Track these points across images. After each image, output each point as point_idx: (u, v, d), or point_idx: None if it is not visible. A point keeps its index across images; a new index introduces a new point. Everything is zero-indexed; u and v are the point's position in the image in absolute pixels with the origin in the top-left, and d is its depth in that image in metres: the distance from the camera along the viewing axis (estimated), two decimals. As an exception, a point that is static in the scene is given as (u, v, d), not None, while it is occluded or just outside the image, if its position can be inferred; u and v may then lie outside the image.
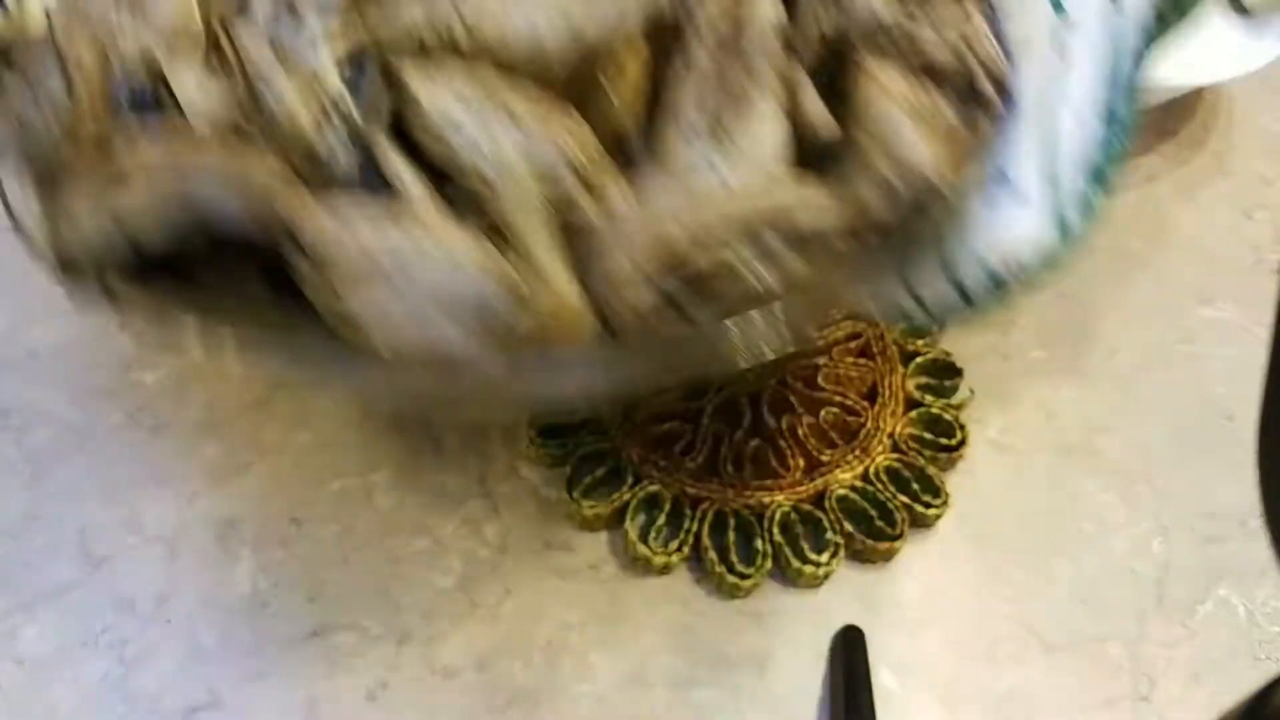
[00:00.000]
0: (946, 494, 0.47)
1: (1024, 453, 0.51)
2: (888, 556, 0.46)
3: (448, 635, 0.44)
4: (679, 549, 0.46)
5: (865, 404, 0.50)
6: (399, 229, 0.34)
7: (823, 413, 0.49)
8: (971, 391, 0.51)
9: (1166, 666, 0.45)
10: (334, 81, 0.35)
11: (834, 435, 0.49)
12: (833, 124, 0.37)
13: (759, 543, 0.46)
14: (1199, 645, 0.45)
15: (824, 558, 0.45)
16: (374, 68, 0.35)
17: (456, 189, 0.35)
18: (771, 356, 0.37)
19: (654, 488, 0.47)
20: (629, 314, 0.34)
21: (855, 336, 0.52)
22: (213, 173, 0.34)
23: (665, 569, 0.46)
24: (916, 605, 0.46)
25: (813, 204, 0.35)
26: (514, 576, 0.46)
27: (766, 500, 0.47)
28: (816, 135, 0.37)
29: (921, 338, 0.53)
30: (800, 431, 0.49)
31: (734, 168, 0.36)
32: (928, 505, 0.47)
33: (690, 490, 0.47)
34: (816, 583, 0.46)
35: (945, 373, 0.52)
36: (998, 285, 0.38)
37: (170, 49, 0.37)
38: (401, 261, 0.33)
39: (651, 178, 0.36)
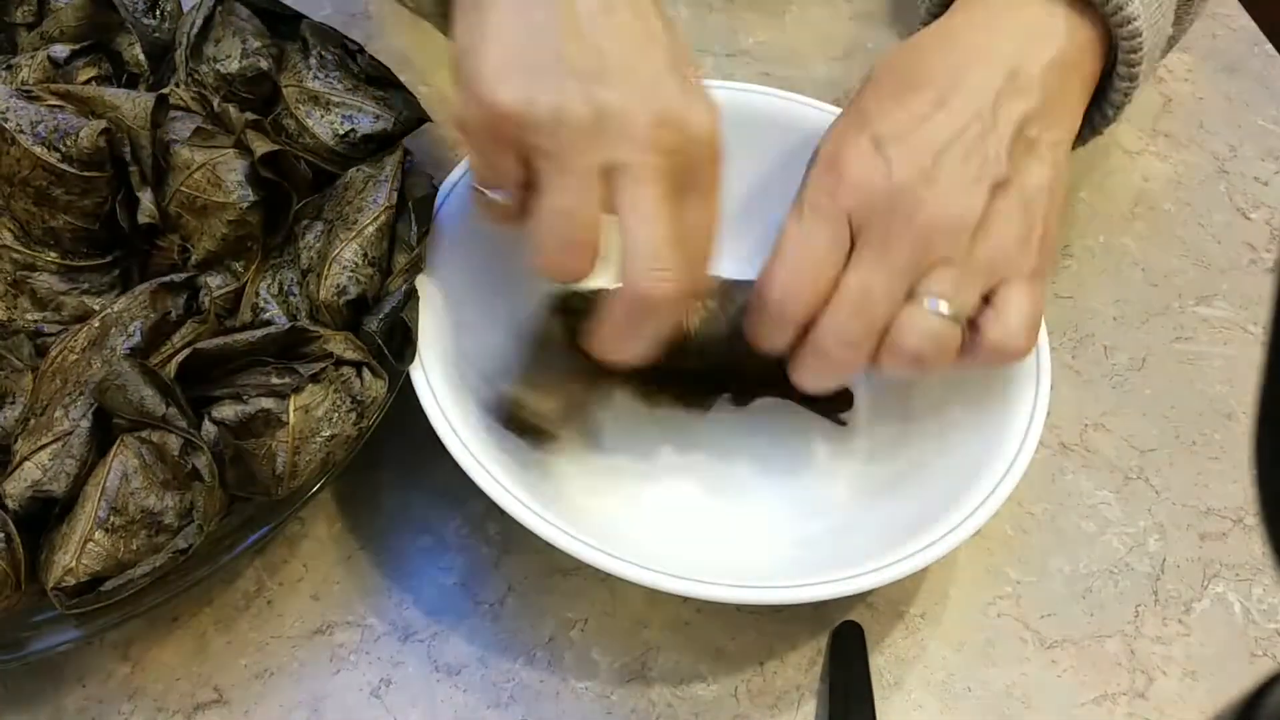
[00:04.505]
0: None
1: (1022, 451, 0.51)
2: None
3: (450, 632, 0.45)
4: None
5: None
6: None
7: None
8: None
9: (1163, 663, 0.45)
10: None
11: None
12: None
13: None
14: (1195, 642, 0.46)
15: None
16: None
17: None
18: None
19: None
20: None
21: None
22: None
23: None
24: (915, 602, 0.46)
25: None
26: (516, 574, 0.46)
27: None
28: None
29: None
30: None
31: None
32: None
33: None
34: None
35: None
36: None
37: None
38: None
39: None
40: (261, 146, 0.45)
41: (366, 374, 0.43)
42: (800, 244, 0.42)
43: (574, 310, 0.45)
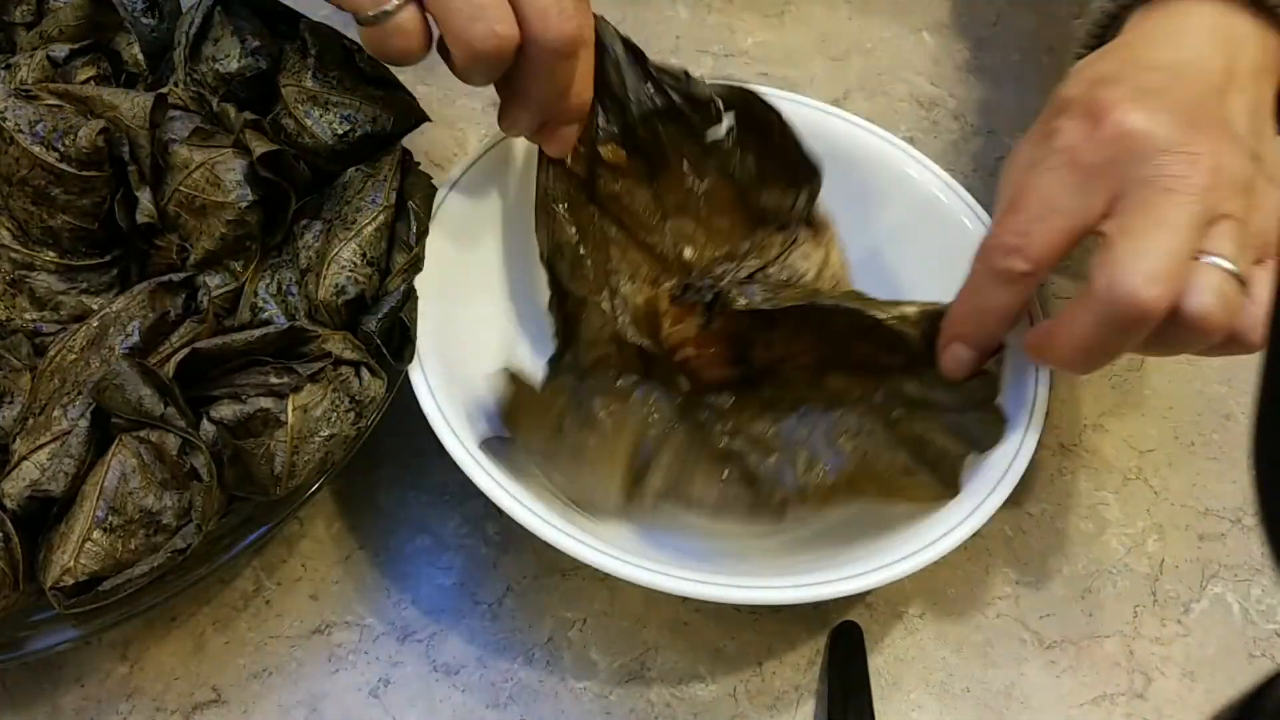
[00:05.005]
0: None
1: (1021, 451, 0.51)
2: None
3: (449, 632, 0.45)
4: None
5: None
6: None
7: None
8: None
9: (1161, 664, 0.45)
10: None
11: None
12: None
13: None
14: (1194, 642, 0.46)
15: None
16: None
17: None
18: None
19: None
20: None
21: None
22: None
23: None
24: (913, 602, 0.46)
25: None
26: (515, 574, 0.46)
27: None
28: None
29: None
30: None
31: None
32: None
33: None
34: None
35: None
36: None
37: None
38: None
39: None
40: (260, 146, 0.45)
41: (365, 374, 0.43)
42: (1035, 191, 0.39)
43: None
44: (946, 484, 0.42)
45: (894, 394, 0.45)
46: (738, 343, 0.48)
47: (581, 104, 0.45)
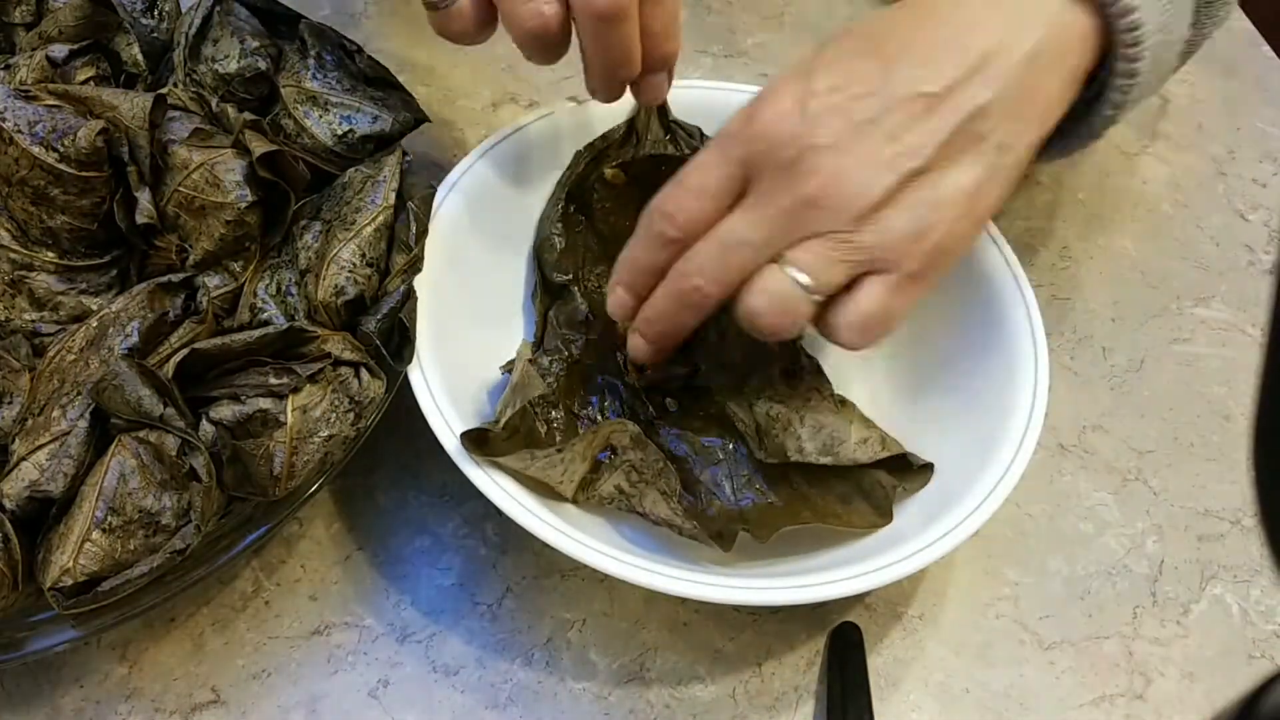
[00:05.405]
0: None
1: (1020, 452, 0.51)
2: None
3: (448, 633, 0.45)
4: None
5: None
6: None
7: None
8: None
9: (1161, 664, 0.45)
10: None
11: None
12: None
13: None
14: (1193, 643, 0.46)
15: None
16: None
17: None
18: None
19: None
20: None
21: None
22: None
23: None
24: (913, 603, 0.46)
25: None
26: (514, 574, 0.46)
27: None
28: None
29: None
30: None
31: None
32: None
33: None
34: None
35: None
36: None
37: None
38: None
39: None
40: (260, 147, 0.45)
41: (364, 374, 0.43)
42: (695, 172, 0.41)
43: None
44: (880, 513, 0.44)
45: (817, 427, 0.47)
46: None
47: (665, 54, 0.46)
